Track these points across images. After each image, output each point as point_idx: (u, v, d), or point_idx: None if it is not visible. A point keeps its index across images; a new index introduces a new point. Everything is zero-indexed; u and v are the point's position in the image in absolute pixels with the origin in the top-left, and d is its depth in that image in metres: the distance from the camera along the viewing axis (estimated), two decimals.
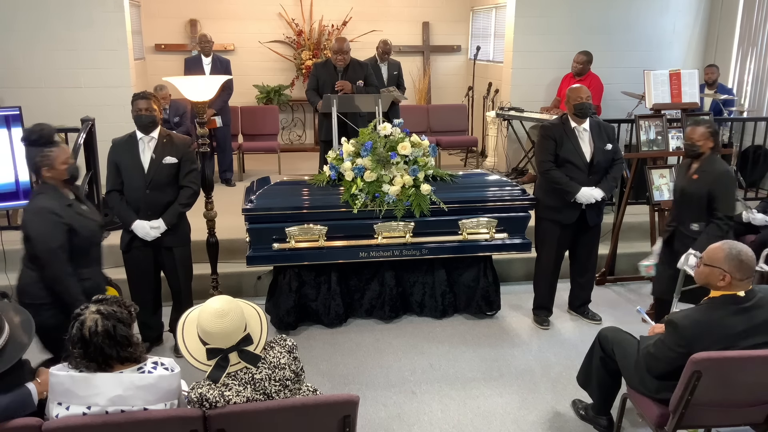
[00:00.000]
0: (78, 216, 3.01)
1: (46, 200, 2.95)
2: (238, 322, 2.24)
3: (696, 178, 3.76)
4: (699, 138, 3.73)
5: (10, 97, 5.90)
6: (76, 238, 2.98)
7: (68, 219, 2.94)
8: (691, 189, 3.78)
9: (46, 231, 2.92)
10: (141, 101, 3.75)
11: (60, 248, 2.93)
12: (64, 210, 2.95)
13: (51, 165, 2.94)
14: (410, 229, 4.28)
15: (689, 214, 3.81)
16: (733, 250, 2.64)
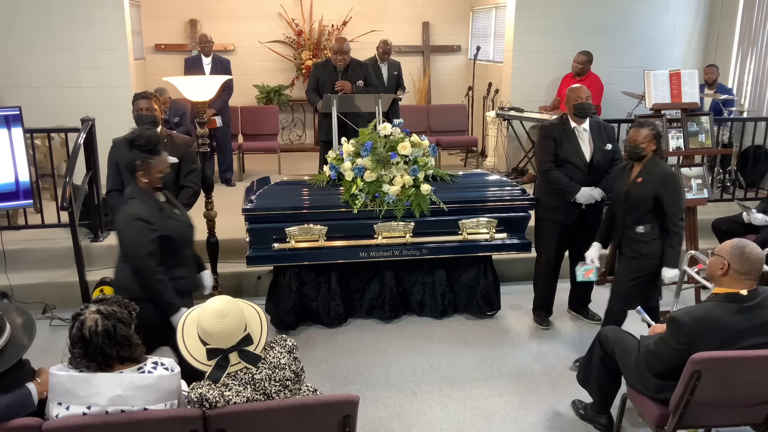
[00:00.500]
0: (169, 219, 3.02)
1: (138, 206, 2.95)
2: (238, 322, 2.24)
3: (641, 181, 3.65)
4: (643, 140, 3.61)
5: (10, 97, 5.90)
6: (167, 242, 2.99)
7: (159, 225, 2.95)
8: (636, 193, 3.66)
9: (137, 240, 2.92)
10: (142, 101, 3.75)
11: (149, 256, 2.92)
12: (155, 215, 2.96)
13: (148, 172, 2.97)
14: (410, 229, 4.28)
15: (635, 217, 3.69)
16: (740, 243, 2.67)
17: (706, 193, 4.85)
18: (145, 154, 2.94)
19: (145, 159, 2.94)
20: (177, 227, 3.05)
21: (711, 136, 4.93)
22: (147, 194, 3.00)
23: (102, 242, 5.07)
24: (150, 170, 2.96)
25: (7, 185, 4.37)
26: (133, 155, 2.96)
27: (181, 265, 3.11)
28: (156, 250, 2.94)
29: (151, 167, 2.95)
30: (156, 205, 3.00)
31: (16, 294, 4.64)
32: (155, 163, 2.96)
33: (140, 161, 2.95)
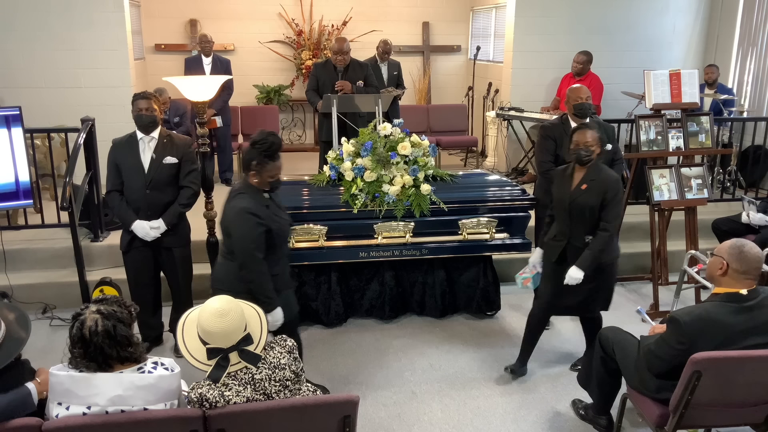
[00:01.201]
0: (274, 217, 3.13)
1: (248, 201, 3.06)
2: (238, 321, 2.24)
3: (585, 188, 3.45)
4: (592, 142, 3.42)
5: (10, 97, 5.90)
6: (271, 237, 3.10)
7: (266, 220, 3.06)
8: (582, 201, 3.46)
9: (247, 232, 3.03)
10: (141, 101, 3.75)
11: (257, 249, 3.04)
12: (263, 211, 3.07)
13: (261, 174, 3.06)
14: (410, 229, 4.28)
15: (582, 226, 3.50)
16: (738, 243, 2.67)
17: (706, 193, 4.85)
18: (262, 157, 3.03)
19: (262, 161, 3.03)
20: (282, 224, 3.18)
21: (711, 136, 4.93)
22: (255, 192, 3.11)
23: (102, 242, 5.07)
24: (263, 173, 3.06)
25: (7, 185, 4.37)
26: (252, 155, 3.05)
27: (276, 263, 3.20)
28: (262, 245, 3.05)
29: (264, 170, 3.05)
30: (263, 202, 3.11)
31: (16, 294, 4.64)
32: (269, 167, 3.05)
33: (256, 162, 3.03)
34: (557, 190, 3.62)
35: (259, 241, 3.04)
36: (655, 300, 4.77)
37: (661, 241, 4.86)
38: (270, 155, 3.05)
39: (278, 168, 3.11)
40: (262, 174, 3.07)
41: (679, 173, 4.82)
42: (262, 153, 3.03)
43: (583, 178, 3.50)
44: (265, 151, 3.04)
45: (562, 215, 3.58)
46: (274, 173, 3.09)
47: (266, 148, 3.04)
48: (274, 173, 3.09)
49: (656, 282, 4.81)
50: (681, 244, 5.10)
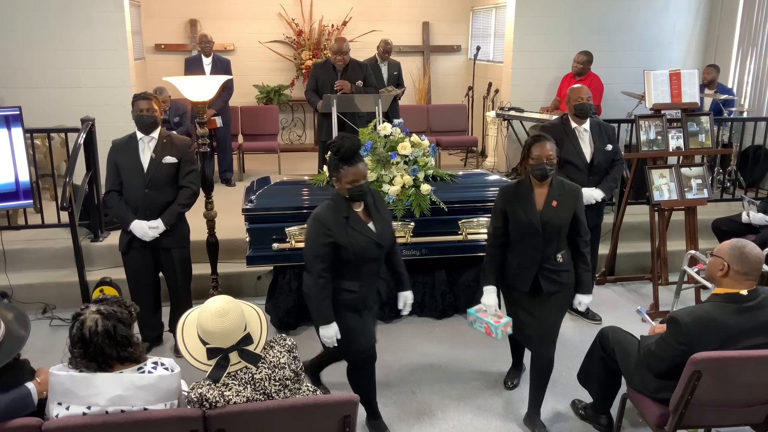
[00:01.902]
0: (351, 231, 2.93)
1: (325, 209, 2.95)
2: (238, 321, 2.24)
3: (556, 205, 3.12)
4: (555, 154, 3.08)
5: (10, 97, 5.90)
6: (343, 252, 2.93)
7: (336, 232, 2.90)
8: (556, 219, 3.12)
9: (310, 239, 2.95)
10: (142, 101, 3.75)
11: (316, 258, 2.90)
12: (337, 222, 2.92)
13: (339, 179, 2.92)
14: (410, 229, 4.28)
15: (555, 246, 3.16)
16: (739, 243, 2.66)
17: (706, 193, 4.85)
18: (337, 161, 2.88)
19: (337, 166, 2.89)
20: (359, 240, 2.94)
21: (711, 136, 4.93)
22: (340, 201, 2.95)
23: (102, 242, 5.07)
24: (340, 178, 2.89)
25: (7, 185, 4.37)
26: (330, 159, 2.93)
27: (355, 278, 3.02)
28: (326, 255, 2.90)
29: (340, 175, 2.88)
30: (345, 213, 2.93)
31: (16, 294, 4.64)
32: (344, 172, 2.86)
33: (333, 167, 2.91)
34: (520, 214, 3.15)
35: (321, 251, 2.89)
36: (655, 300, 4.77)
37: (661, 241, 4.86)
38: (343, 158, 2.86)
39: (355, 173, 2.87)
40: (339, 179, 2.89)
41: (679, 173, 4.82)
42: (338, 156, 2.87)
43: (549, 195, 3.14)
44: (338, 154, 2.87)
45: (532, 240, 3.15)
46: (350, 178, 2.86)
47: (337, 151, 2.87)
48: (351, 179, 2.86)
49: (656, 282, 4.81)
50: (681, 244, 5.09)
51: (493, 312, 3.28)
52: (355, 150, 2.88)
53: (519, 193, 3.20)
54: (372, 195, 3.08)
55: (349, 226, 2.93)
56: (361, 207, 3.00)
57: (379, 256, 3.07)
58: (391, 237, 3.16)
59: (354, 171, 2.86)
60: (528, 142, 3.17)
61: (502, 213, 3.23)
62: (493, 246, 3.31)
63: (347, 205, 2.95)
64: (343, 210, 2.94)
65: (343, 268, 2.98)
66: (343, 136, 2.89)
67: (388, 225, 3.11)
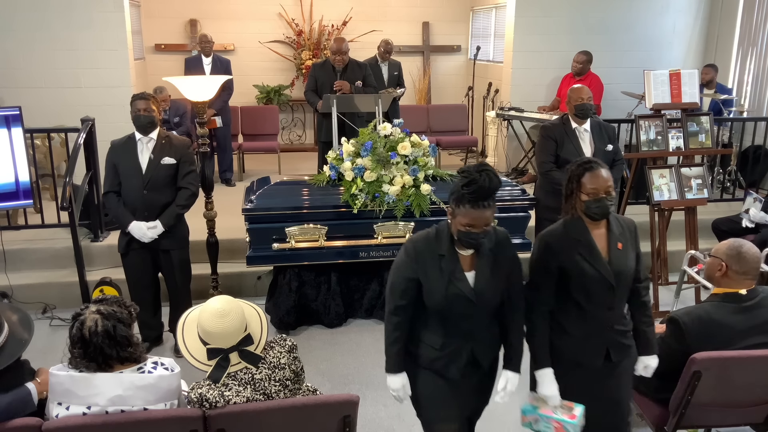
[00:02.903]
0: (441, 274, 2.36)
1: (422, 237, 2.42)
2: (238, 322, 2.24)
3: (622, 247, 2.54)
4: (612, 185, 2.52)
5: (10, 97, 5.90)
6: (424, 296, 2.41)
7: (422, 268, 2.38)
8: (625, 265, 2.51)
9: (395, 264, 2.47)
10: (140, 102, 3.75)
11: (395, 289, 2.45)
12: (429, 258, 2.38)
13: (453, 215, 2.33)
14: (410, 229, 4.28)
15: (623, 300, 2.57)
16: (736, 243, 2.66)
17: (706, 193, 4.85)
18: (462, 196, 2.25)
19: (460, 200, 2.26)
20: (446, 288, 2.35)
21: (711, 136, 4.92)
22: (444, 235, 2.39)
23: (102, 242, 5.07)
24: (455, 214, 2.30)
25: (7, 185, 4.37)
26: (453, 187, 2.32)
27: (437, 333, 2.45)
28: (408, 291, 2.41)
29: (458, 212, 2.28)
30: (443, 250, 2.36)
31: (16, 294, 4.64)
32: (464, 211, 2.26)
33: (454, 198, 2.31)
34: (585, 268, 2.46)
35: (402, 285, 2.42)
36: (655, 300, 4.77)
37: (661, 241, 4.86)
38: (473, 198, 2.23)
39: (476, 219, 2.24)
40: (454, 216, 2.31)
41: (679, 173, 4.82)
42: (463, 190, 2.24)
43: (611, 236, 2.54)
44: (466, 188, 2.22)
45: (602, 298, 2.48)
46: (467, 222, 2.26)
47: (467, 184, 2.22)
48: (468, 222, 2.26)
49: (656, 282, 4.81)
50: (681, 244, 5.09)
51: (558, 403, 2.53)
52: (491, 192, 2.24)
53: (572, 239, 2.50)
54: (496, 241, 2.41)
55: (441, 267, 2.36)
56: (468, 251, 2.39)
57: (473, 315, 2.40)
58: (498, 296, 2.42)
59: (476, 215, 2.24)
60: (576, 173, 2.53)
61: (556, 270, 2.50)
62: (542, 315, 2.55)
63: (450, 242, 2.38)
64: (443, 245, 2.38)
65: (427, 314, 2.46)
66: (484, 170, 2.23)
67: (497, 282, 2.40)
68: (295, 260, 4.27)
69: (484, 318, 2.44)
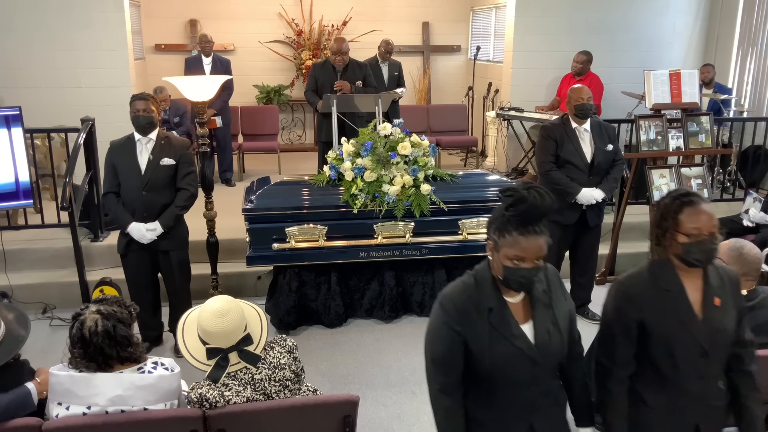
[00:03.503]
0: (491, 332, 1.88)
1: (458, 290, 1.96)
2: (238, 321, 2.24)
3: (720, 303, 2.06)
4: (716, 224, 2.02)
5: (10, 97, 5.90)
6: (474, 362, 1.93)
7: (468, 330, 1.90)
8: (724, 327, 2.05)
9: (430, 333, 2.05)
10: (139, 102, 3.74)
11: (436, 364, 2.02)
12: (475, 315, 1.90)
13: (495, 248, 1.86)
14: (410, 229, 4.28)
15: (718, 366, 2.10)
16: (737, 244, 2.66)
17: (706, 193, 4.85)
18: (507, 220, 1.80)
19: (503, 226, 1.82)
20: (506, 352, 1.89)
21: (711, 136, 4.93)
22: (486, 281, 1.91)
23: (102, 242, 5.07)
24: (498, 245, 1.83)
25: (7, 185, 4.37)
26: (495, 212, 1.88)
27: (489, 406, 1.97)
28: (453, 363, 1.95)
29: (502, 242, 1.82)
30: (490, 302, 1.90)
31: (16, 294, 4.64)
32: (509, 240, 1.80)
33: (497, 224, 1.84)
34: (672, 327, 2.03)
35: (444, 356, 1.97)
36: None
37: None
38: (520, 220, 1.79)
39: (525, 249, 1.79)
40: (498, 248, 1.84)
41: (679, 173, 4.83)
42: (508, 212, 1.80)
43: (707, 289, 2.07)
44: (511, 209, 1.79)
45: (692, 364, 2.04)
46: (514, 254, 1.80)
47: (513, 204, 1.79)
48: (515, 254, 1.80)
49: None
50: None
51: None
52: (544, 213, 1.80)
53: (660, 290, 2.05)
54: (547, 281, 1.97)
55: (491, 323, 1.89)
56: (519, 297, 1.94)
57: (534, 378, 1.93)
58: (563, 350, 1.98)
59: (527, 244, 1.79)
60: (671, 208, 2.04)
61: (636, 326, 2.06)
62: (619, 381, 2.11)
63: (495, 289, 1.91)
64: (488, 297, 1.90)
65: (474, 384, 1.98)
66: (532, 187, 1.81)
67: (561, 332, 1.95)
68: (295, 260, 4.27)
69: (547, 381, 1.98)
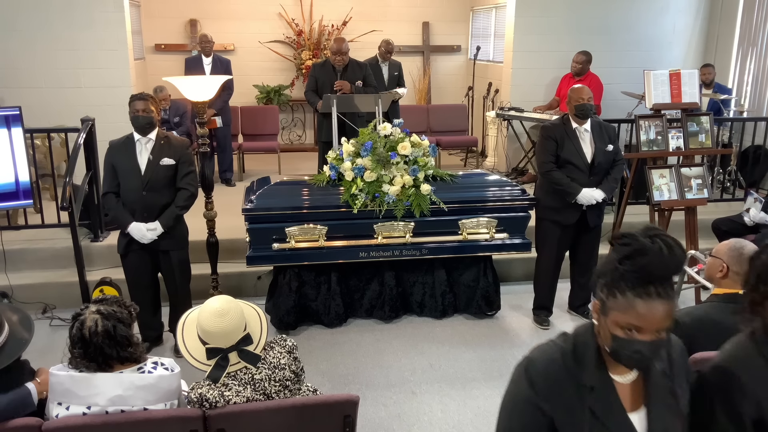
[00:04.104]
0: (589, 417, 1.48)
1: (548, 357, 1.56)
2: (237, 321, 2.24)
3: None
4: None
5: (11, 97, 5.90)
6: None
7: (558, 408, 1.50)
8: None
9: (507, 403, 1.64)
10: (138, 102, 3.74)
11: None
12: (572, 396, 1.50)
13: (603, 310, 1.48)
14: (410, 229, 4.28)
15: None
16: (737, 244, 2.66)
17: (706, 193, 4.85)
18: (621, 275, 1.43)
19: (615, 282, 1.44)
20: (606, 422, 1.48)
21: (711, 136, 4.93)
22: (588, 351, 1.52)
23: (102, 242, 5.07)
24: (606, 308, 1.46)
25: (7, 185, 4.37)
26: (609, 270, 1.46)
27: None
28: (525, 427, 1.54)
29: (611, 304, 1.44)
30: (591, 379, 1.49)
31: (16, 294, 4.64)
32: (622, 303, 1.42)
33: (605, 282, 1.46)
34: None
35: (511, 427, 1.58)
36: None
37: None
38: (636, 280, 1.41)
39: (642, 317, 1.41)
40: (606, 312, 1.46)
41: (679, 173, 4.83)
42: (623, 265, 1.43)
43: None
44: (627, 262, 1.42)
45: None
46: (628, 321, 1.42)
47: (630, 255, 1.42)
48: (629, 322, 1.42)
49: None
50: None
51: None
52: (671, 272, 1.44)
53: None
54: (669, 360, 1.60)
55: (590, 406, 1.48)
56: (630, 376, 1.53)
57: None
58: None
59: (647, 310, 1.41)
60: None
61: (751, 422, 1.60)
62: None
63: (600, 364, 1.51)
64: (589, 372, 1.50)
65: None
66: (658, 235, 1.44)
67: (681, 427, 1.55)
68: (295, 260, 4.27)
69: None
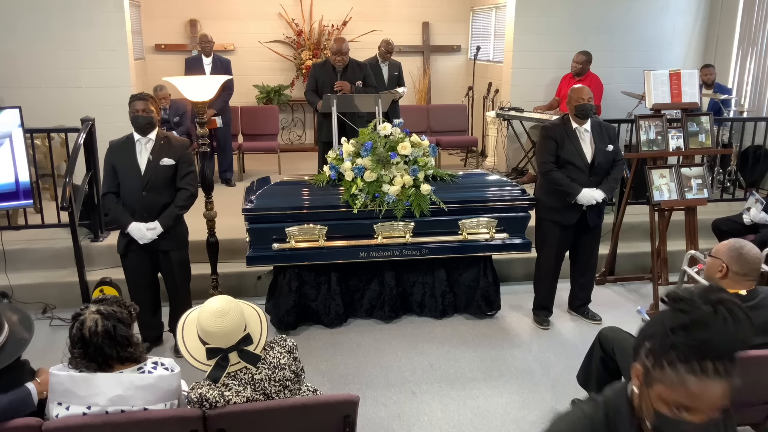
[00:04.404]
0: None
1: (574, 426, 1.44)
2: (237, 321, 2.24)
3: None
4: None
5: (12, 97, 5.90)
6: None
7: None
8: None
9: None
10: (138, 102, 3.74)
11: None
12: None
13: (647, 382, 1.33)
14: (410, 229, 4.28)
15: None
16: (737, 244, 2.66)
17: (706, 193, 4.85)
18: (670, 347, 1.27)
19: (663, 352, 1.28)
20: None
21: (711, 136, 4.93)
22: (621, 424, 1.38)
23: (102, 242, 5.07)
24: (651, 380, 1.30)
25: (7, 185, 4.37)
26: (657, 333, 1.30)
27: None
28: None
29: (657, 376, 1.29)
30: None
31: (16, 294, 4.64)
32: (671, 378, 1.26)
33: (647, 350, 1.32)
34: None
35: None
36: (655, 300, 4.77)
37: (661, 241, 4.86)
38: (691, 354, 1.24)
39: (693, 396, 1.24)
40: (650, 384, 1.30)
41: (679, 173, 4.83)
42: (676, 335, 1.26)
43: None
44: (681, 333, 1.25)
45: None
46: (675, 400, 1.26)
47: (686, 326, 1.25)
48: (676, 401, 1.26)
49: (656, 282, 4.81)
50: (681, 244, 5.10)
51: None
52: (734, 348, 1.26)
53: None
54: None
55: None
56: None
57: None
58: None
59: (698, 390, 1.24)
60: None
61: None
62: None
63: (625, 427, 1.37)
64: None
65: None
66: (721, 301, 1.27)
67: None
68: (295, 260, 4.27)
69: None
